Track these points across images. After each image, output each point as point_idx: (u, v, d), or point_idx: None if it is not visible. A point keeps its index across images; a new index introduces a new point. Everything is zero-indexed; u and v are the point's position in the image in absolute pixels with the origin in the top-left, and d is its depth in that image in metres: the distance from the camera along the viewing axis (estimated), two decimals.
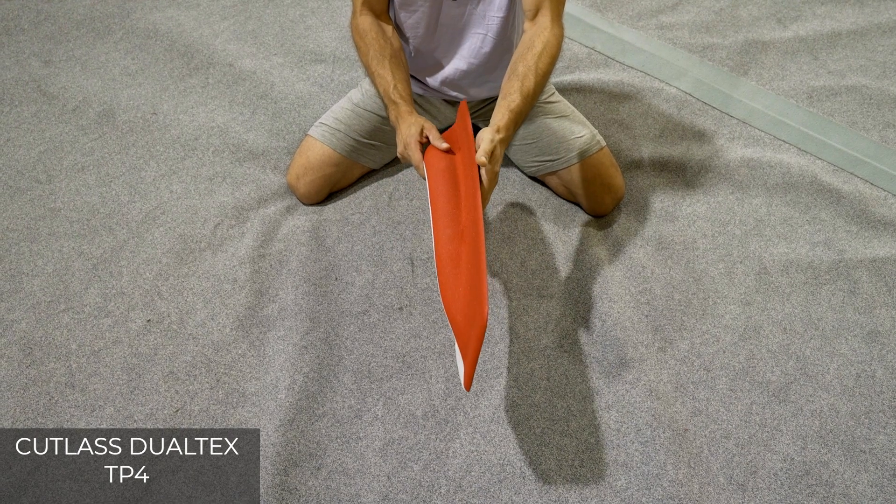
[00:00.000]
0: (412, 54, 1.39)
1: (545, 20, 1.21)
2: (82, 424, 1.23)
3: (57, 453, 1.20)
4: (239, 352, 1.32)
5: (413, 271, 1.43)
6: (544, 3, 1.21)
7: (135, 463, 1.19)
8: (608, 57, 1.87)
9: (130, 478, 1.17)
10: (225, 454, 1.20)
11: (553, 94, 1.50)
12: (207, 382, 1.28)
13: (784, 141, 1.68)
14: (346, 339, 1.34)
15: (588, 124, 1.48)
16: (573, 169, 1.45)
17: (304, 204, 1.53)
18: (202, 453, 1.20)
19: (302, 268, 1.43)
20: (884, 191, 1.57)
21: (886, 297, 1.40)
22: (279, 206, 1.53)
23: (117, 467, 1.18)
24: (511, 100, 1.15)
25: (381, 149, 1.52)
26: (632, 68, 1.84)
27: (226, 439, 1.22)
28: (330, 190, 1.53)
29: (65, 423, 1.23)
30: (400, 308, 1.38)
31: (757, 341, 1.34)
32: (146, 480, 1.17)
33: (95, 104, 1.74)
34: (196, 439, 1.22)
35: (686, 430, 1.23)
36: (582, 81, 1.80)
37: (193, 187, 1.57)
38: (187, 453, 1.20)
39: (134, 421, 1.24)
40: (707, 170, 1.61)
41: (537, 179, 1.57)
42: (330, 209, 1.53)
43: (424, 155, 1.16)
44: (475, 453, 1.21)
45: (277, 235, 1.48)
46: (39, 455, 1.20)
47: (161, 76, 1.81)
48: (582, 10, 2.00)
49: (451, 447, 1.21)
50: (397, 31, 1.34)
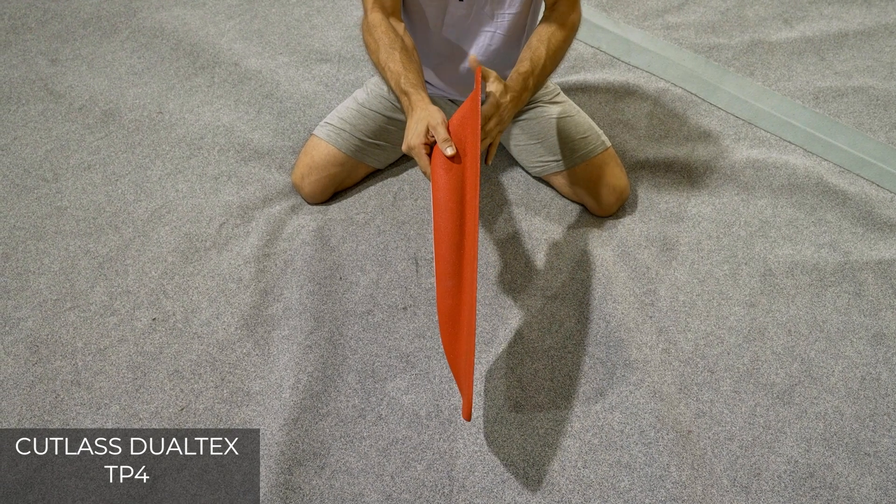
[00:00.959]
0: (419, 54, 1.39)
1: (564, 7, 1.26)
2: (88, 422, 1.24)
3: (62, 452, 1.21)
4: (243, 351, 1.33)
5: (417, 271, 1.44)
6: None
7: (138, 461, 1.20)
8: (613, 57, 1.87)
9: (134, 476, 1.18)
10: (228, 453, 1.21)
11: (558, 95, 1.50)
12: (212, 381, 1.29)
13: (790, 142, 1.67)
14: (351, 339, 1.34)
15: (593, 124, 1.48)
16: (578, 169, 1.45)
17: (309, 203, 1.54)
18: (205, 452, 1.21)
19: (307, 267, 1.43)
20: (890, 192, 1.57)
21: (892, 300, 1.40)
22: (284, 206, 1.53)
23: (121, 466, 1.19)
24: (521, 64, 1.18)
25: (386, 149, 1.52)
26: (637, 68, 1.84)
27: (228, 438, 1.22)
28: (335, 189, 1.53)
29: (70, 422, 1.24)
30: (404, 308, 1.38)
31: (761, 343, 1.34)
32: (150, 479, 1.18)
33: (102, 103, 1.74)
34: (199, 438, 1.22)
35: (690, 432, 1.23)
36: (587, 81, 1.80)
37: (199, 186, 1.58)
38: (190, 452, 1.21)
39: (139, 419, 1.24)
40: (712, 171, 1.61)
41: (542, 180, 1.57)
42: (335, 209, 1.53)
43: (431, 159, 1.12)
44: (478, 454, 1.21)
45: (282, 235, 1.49)
46: (44, 453, 1.20)
47: (167, 75, 1.81)
48: (587, 10, 2.00)
49: (455, 447, 1.22)
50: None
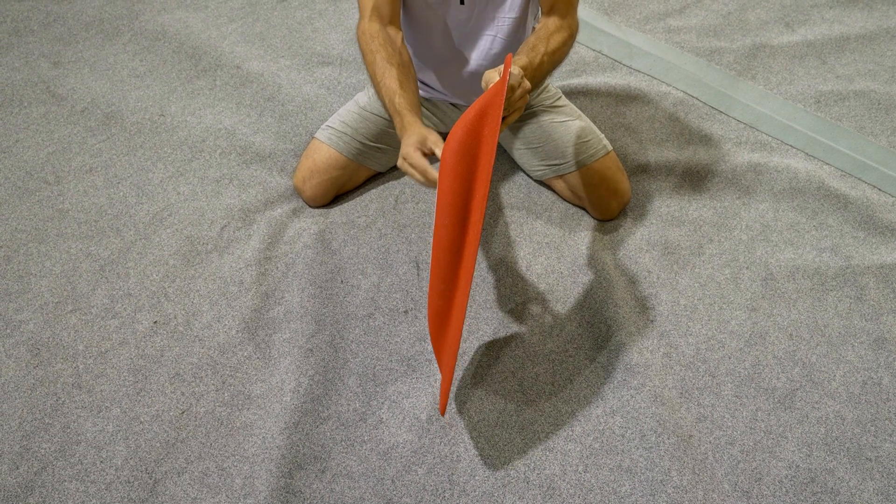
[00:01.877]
0: (420, 58, 1.39)
1: (559, 12, 1.25)
2: (89, 425, 1.24)
3: (62, 455, 1.21)
4: (244, 354, 1.33)
5: (419, 274, 1.44)
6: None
7: (139, 465, 1.20)
8: (615, 60, 1.87)
9: (135, 480, 1.18)
10: (229, 456, 1.21)
11: (560, 98, 1.50)
12: (213, 384, 1.29)
13: (791, 146, 1.67)
14: (352, 342, 1.34)
15: (595, 128, 1.48)
16: (579, 174, 1.45)
17: (311, 207, 1.54)
18: (207, 455, 1.21)
19: (308, 270, 1.43)
20: (891, 196, 1.57)
21: (893, 304, 1.40)
22: (285, 209, 1.54)
23: (122, 469, 1.19)
24: (518, 58, 1.16)
25: (388, 152, 1.52)
26: (639, 72, 1.84)
27: (230, 441, 1.22)
28: (336, 193, 1.53)
29: (71, 424, 1.24)
30: (405, 311, 1.38)
31: (763, 347, 1.34)
32: (151, 482, 1.18)
33: (103, 105, 1.74)
34: (201, 441, 1.22)
35: (691, 437, 1.23)
36: (588, 85, 1.80)
37: (200, 189, 1.58)
38: (191, 455, 1.21)
39: (140, 422, 1.24)
40: (713, 174, 1.61)
41: (543, 183, 1.57)
42: (336, 212, 1.53)
43: (439, 171, 1.07)
44: (479, 457, 1.21)
45: (283, 238, 1.49)
46: (46, 455, 1.20)
47: (169, 78, 1.82)
48: (589, 14, 2.00)
49: (456, 451, 1.22)
50: (405, 35, 1.33)
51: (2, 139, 1.68)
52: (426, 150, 1.07)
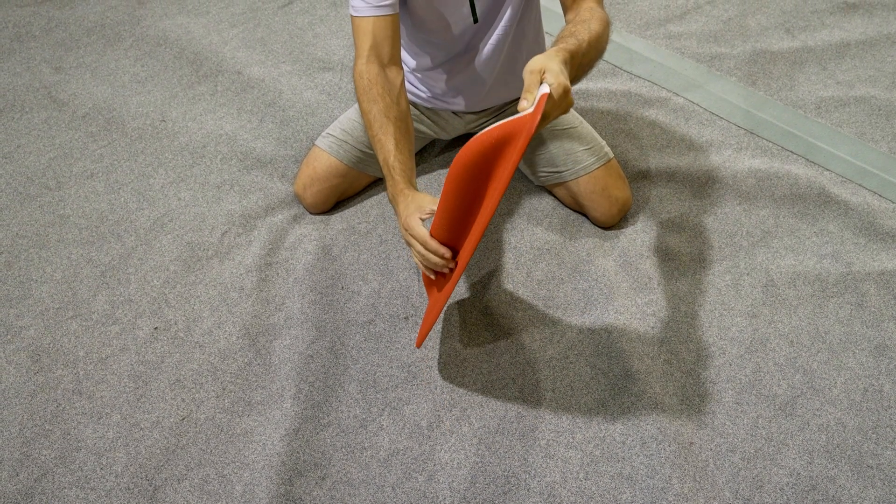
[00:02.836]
0: (422, 67, 1.39)
1: (589, 3, 1.10)
2: (89, 432, 1.24)
3: (62, 461, 1.21)
4: (245, 360, 1.33)
5: (419, 281, 1.44)
6: None
7: (139, 471, 1.19)
8: (615, 66, 1.87)
9: (136, 486, 1.18)
10: (229, 462, 1.21)
11: None
12: (213, 391, 1.29)
13: (792, 152, 1.67)
14: (352, 349, 1.34)
15: (596, 135, 1.48)
16: (581, 180, 1.45)
17: (311, 213, 1.54)
18: (207, 461, 1.21)
19: (308, 276, 1.43)
20: (892, 203, 1.57)
21: (894, 311, 1.39)
22: (286, 215, 1.54)
23: (122, 476, 1.19)
24: (559, 47, 0.97)
25: None
26: (639, 78, 1.84)
27: (230, 448, 1.22)
28: (337, 199, 1.53)
29: (72, 431, 1.24)
30: (406, 317, 1.38)
31: (763, 354, 1.34)
32: (151, 489, 1.18)
33: (105, 111, 1.75)
34: (201, 448, 1.22)
35: (692, 444, 1.23)
36: (589, 91, 1.80)
37: (201, 195, 1.58)
38: (191, 462, 1.21)
39: (140, 429, 1.24)
40: (714, 181, 1.61)
41: (544, 189, 1.57)
42: (337, 218, 1.54)
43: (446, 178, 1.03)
44: (480, 465, 1.21)
45: (284, 244, 1.49)
46: (46, 462, 1.20)
47: (170, 83, 1.82)
48: None
49: (456, 458, 1.21)
50: (407, 46, 1.33)
51: (3, 144, 1.68)
52: (424, 217, 1.08)
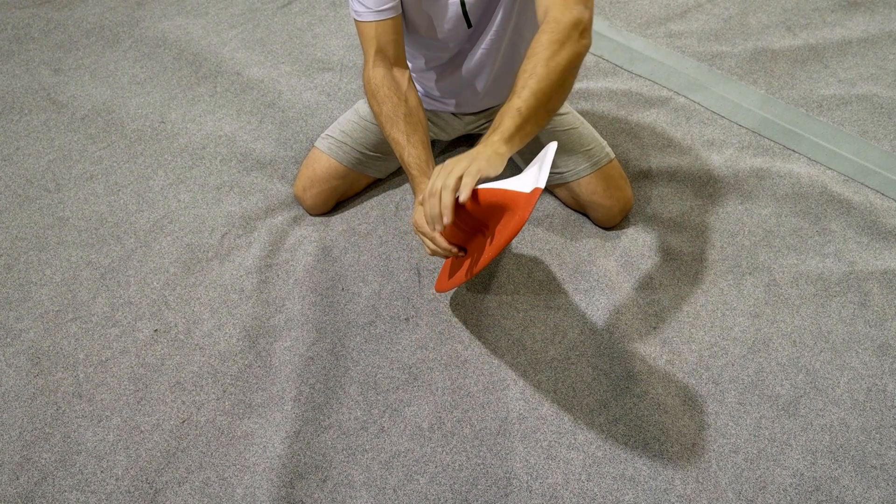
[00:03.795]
0: (420, 70, 1.39)
1: (556, 12, 1.01)
2: (89, 435, 1.23)
3: (62, 464, 1.20)
4: (245, 362, 1.32)
5: (420, 282, 1.43)
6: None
7: (140, 474, 1.19)
8: (616, 65, 1.87)
9: (137, 489, 1.17)
10: (230, 465, 1.20)
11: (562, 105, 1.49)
12: (214, 393, 1.28)
13: (794, 150, 1.67)
14: (353, 350, 1.34)
15: (597, 136, 1.47)
16: (582, 181, 1.44)
17: (311, 215, 1.53)
18: (207, 464, 1.20)
19: (309, 278, 1.43)
20: (895, 201, 1.56)
21: None
22: (286, 216, 1.53)
23: (122, 479, 1.18)
24: (512, 101, 0.97)
25: (388, 160, 1.52)
26: (640, 77, 1.83)
27: (231, 451, 1.22)
28: (337, 201, 1.53)
29: (72, 434, 1.23)
30: (406, 319, 1.38)
31: (766, 354, 1.33)
32: (151, 492, 1.17)
33: (104, 112, 1.74)
34: (202, 450, 1.22)
35: (694, 445, 1.22)
36: (590, 90, 1.79)
37: (201, 196, 1.57)
38: (191, 465, 1.20)
39: (140, 431, 1.24)
40: (716, 180, 1.60)
41: (546, 189, 1.56)
42: (337, 219, 1.53)
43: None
44: (481, 466, 1.20)
45: (284, 245, 1.49)
46: (46, 465, 1.20)
47: (169, 85, 1.82)
48: None
49: (458, 460, 1.21)
50: (409, 49, 1.32)
51: (2, 147, 1.68)
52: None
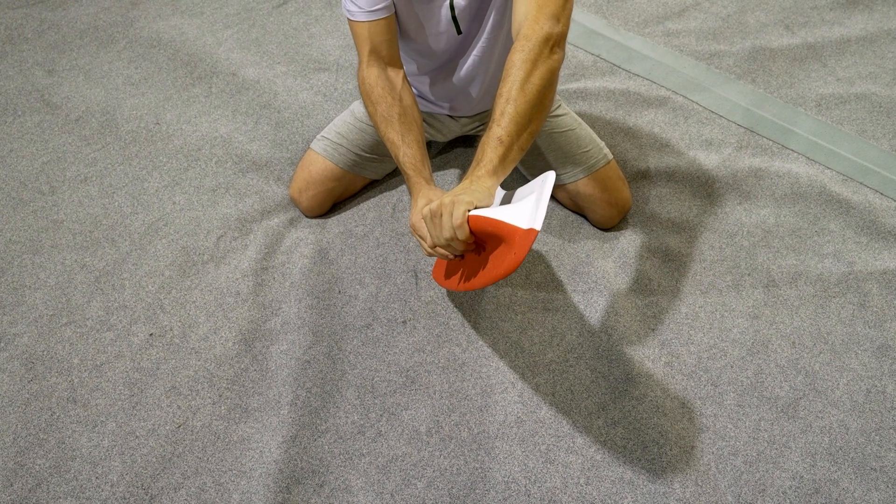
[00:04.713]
0: (414, 74, 1.38)
1: (527, 29, 0.99)
2: (84, 440, 1.22)
3: (57, 471, 1.19)
4: (241, 366, 1.31)
5: (417, 284, 1.42)
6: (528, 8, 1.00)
7: (135, 480, 1.18)
8: (614, 65, 1.86)
9: (132, 495, 1.16)
10: (226, 471, 1.19)
11: (559, 107, 1.48)
12: (210, 398, 1.27)
13: (792, 150, 1.66)
14: (350, 354, 1.33)
15: (595, 137, 1.46)
16: (580, 183, 1.43)
17: (307, 217, 1.52)
18: (203, 470, 1.19)
19: (305, 280, 1.42)
20: (894, 201, 1.55)
21: None
22: (282, 218, 1.52)
23: (117, 485, 1.17)
24: (492, 129, 0.97)
25: (384, 161, 1.51)
26: (638, 76, 1.82)
27: (227, 456, 1.21)
28: (333, 202, 1.51)
29: (66, 439, 1.22)
30: (404, 321, 1.37)
31: (765, 356, 1.33)
32: (147, 498, 1.16)
33: (98, 114, 1.73)
34: (198, 456, 1.21)
35: (693, 447, 1.22)
36: (587, 90, 1.78)
37: (196, 199, 1.56)
38: (187, 471, 1.19)
39: (136, 437, 1.23)
40: (714, 180, 1.59)
41: None
42: (333, 221, 1.52)
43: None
44: (479, 470, 1.19)
45: (280, 248, 1.47)
46: (40, 472, 1.19)
47: (164, 85, 1.80)
48: (587, 17, 1.98)
49: (455, 464, 1.20)
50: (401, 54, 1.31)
51: None
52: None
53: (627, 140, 1.66)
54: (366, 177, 1.52)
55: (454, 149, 1.64)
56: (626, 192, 1.47)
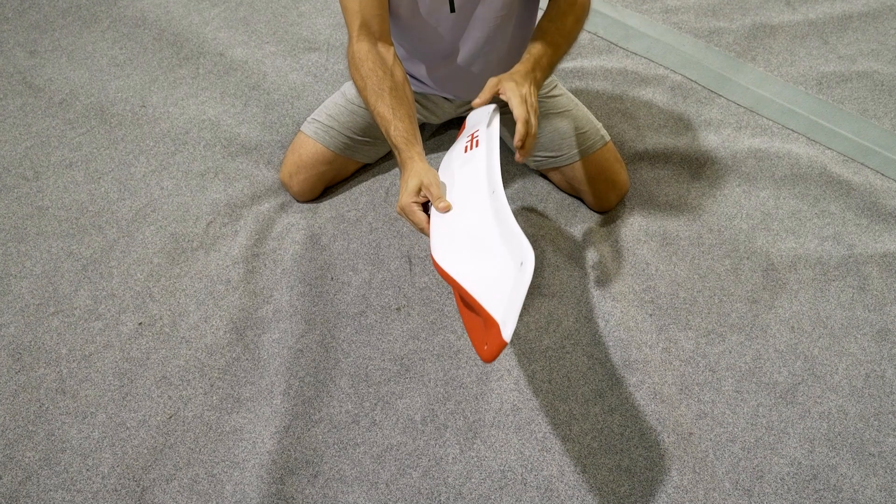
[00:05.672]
0: (410, 56, 1.34)
1: None
2: (74, 432, 1.20)
3: (47, 463, 1.17)
4: (233, 355, 1.29)
5: (411, 270, 1.40)
6: None
7: (126, 472, 1.16)
8: (611, 42, 1.82)
9: (123, 487, 1.15)
10: (219, 461, 1.18)
11: (555, 88, 1.44)
12: (201, 387, 1.25)
13: (792, 130, 1.63)
14: (343, 342, 1.31)
15: (592, 118, 1.43)
16: (576, 165, 1.40)
17: (298, 201, 1.49)
18: (196, 461, 1.18)
19: (297, 267, 1.39)
20: (895, 182, 1.53)
21: None
22: (273, 203, 1.49)
23: (108, 477, 1.16)
24: (538, 53, 1.15)
25: (376, 144, 1.47)
26: (635, 54, 1.78)
27: (219, 446, 1.19)
28: (324, 187, 1.48)
29: (56, 431, 1.20)
30: (398, 308, 1.35)
31: (764, 341, 1.31)
32: (139, 490, 1.15)
33: (83, 97, 1.69)
34: (189, 446, 1.19)
35: (691, 434, 1.21)
36: (584, 68, 1.74)
37: (185, 183, 1.53)
38: (179, 462, 1.18)
39: (126, 428, 1.21)
40: (713, 161, 1.56)
41: (538, 172, 1.52)
42: (325, 206, 1.49)
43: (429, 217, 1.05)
44: (475, 459, 1.18)
45: (271, 234, 1.45)
46: (30, 464, 1.17)
47: (150, 66, 1.75)
48: None
49: (451, 453, 1.19)
50: (393, 35, 1.26)
51: None
52: (421, 200, 1.04)
53: (625, 121, 1.63)
54: (358, 160, 1.49)
55: (448, 131, 1.61)
56: (624, 175, 1.44)
